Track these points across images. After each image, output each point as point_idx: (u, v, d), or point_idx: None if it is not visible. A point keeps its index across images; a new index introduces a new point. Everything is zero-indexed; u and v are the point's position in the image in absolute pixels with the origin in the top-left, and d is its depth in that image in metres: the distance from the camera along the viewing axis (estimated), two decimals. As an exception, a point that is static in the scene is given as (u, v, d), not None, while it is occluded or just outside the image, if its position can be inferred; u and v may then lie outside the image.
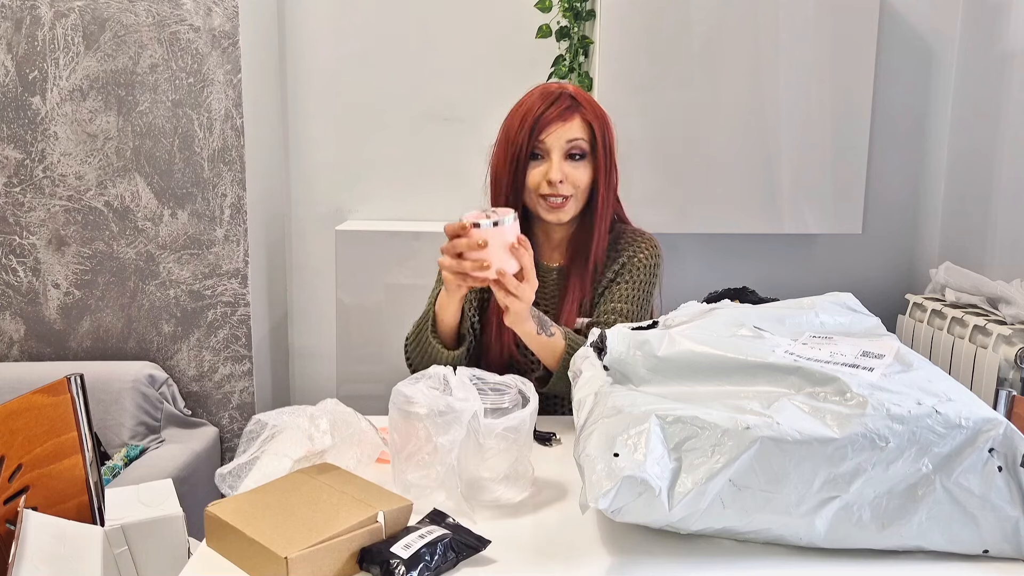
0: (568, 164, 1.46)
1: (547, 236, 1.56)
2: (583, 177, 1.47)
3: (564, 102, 1.46)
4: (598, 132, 1.47)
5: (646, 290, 1.53)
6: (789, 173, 2.46)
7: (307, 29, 2.59)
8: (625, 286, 1.51)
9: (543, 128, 1.45)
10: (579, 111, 1.47)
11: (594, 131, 1.47)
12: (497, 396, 1.10)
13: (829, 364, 0.99)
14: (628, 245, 1.54)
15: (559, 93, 1.48)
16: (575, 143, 1.46)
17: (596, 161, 1.48)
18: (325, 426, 1.13)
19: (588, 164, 1.48)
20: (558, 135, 1.45)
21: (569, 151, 1.46)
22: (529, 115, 1.46)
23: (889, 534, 0.92)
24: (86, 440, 1.26)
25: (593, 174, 1.48)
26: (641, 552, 0.94)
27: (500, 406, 1.09)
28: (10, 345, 2.42)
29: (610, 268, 1.53)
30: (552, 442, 1.27)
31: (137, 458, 2.17)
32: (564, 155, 1.46)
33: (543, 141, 1.45)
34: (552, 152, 1.46)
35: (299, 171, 2.67)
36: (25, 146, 2.34)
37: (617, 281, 1.52)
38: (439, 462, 1.00)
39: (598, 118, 1.48)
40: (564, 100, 1.47)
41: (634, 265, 1.52)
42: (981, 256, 2.46)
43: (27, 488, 1.17)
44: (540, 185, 1.47)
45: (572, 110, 1.46)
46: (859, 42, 2.41)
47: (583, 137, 1.46)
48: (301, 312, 2.74)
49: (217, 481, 1.09)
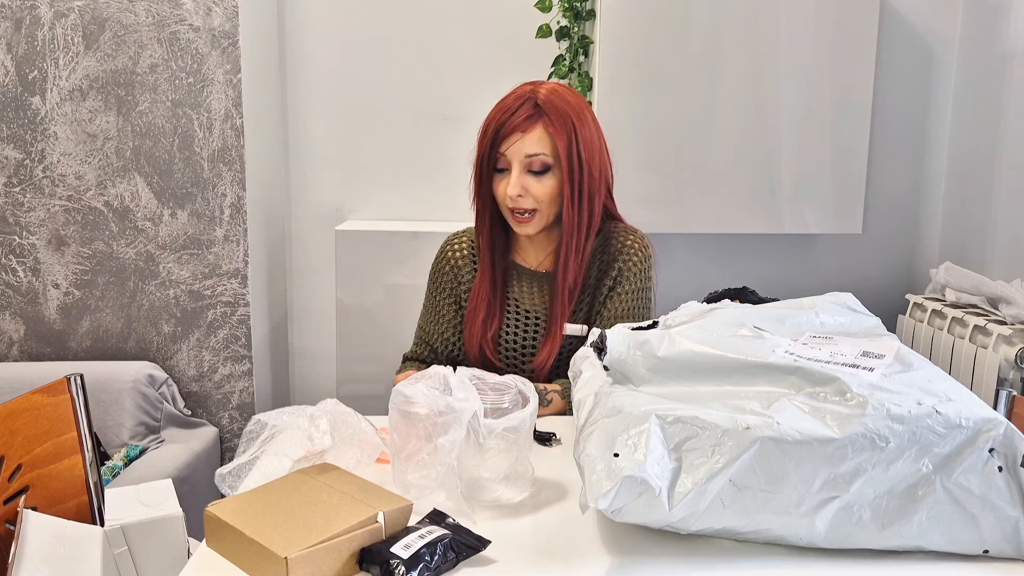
0: (529, 177, 1.40)
1: (531, 241, 1.54)
2: (545, 191, 1.40)
3: (525, 111, 1.39)
4: (561, 143, 1.38)
5: (644, 296, 1.52)
6: (789, 173, 2.46)
7: (307, 29, 2.59)
8: (622, 299, 1.49)
9: (503, 140, 1.40)
10: (541, 120, 1.39)
11: (556, 143, 1.39)
12: (497, 396, 1.10)
13: (829, 364, 0.99)
14: (620, 250, 1.51)
15: (524, 99, 1.40)
16: (535, 158, 1.39)
17: (564, 174, 1.40)
18: (325, 426, 1.13)
19: (553, 176, 1.41)
20: (517, 148, 1.39)
21: (530, 167, 1.40)
22: (491, 124, 1.41)
23: (889, 534, 0.92)
24: (86, 440, 1.26)
25: (559, 187, 1.41)
26: (641, 552, 0.94)
27: (500, 406, 1.09)
28: (10, 345, 2.42)
29: (608, 275, 1.50)
30: (552, 442, 1.27)
31: (137, 458, 2.17)
32: (524, 169, 1.40)
33: (503, 154, 1.40)
34: (512, 165, 1.40)
35: (299, 171, 2.67)
36: (25, 146, 2.34)
37: (613, 294, 1.50)
38: (439, 462, 1.00)
39: (565, 127, 1.39)
40: (526, 109, 1.39)
41: (630, 271, 1.50)
42: (981, 256, 2.46)
43: (27, 488, 1.16)
44: (504, 198, 1.43)
45: (533, 120, 1.39)
46: (859, 42, 2.41)
47: (543, 151, 1.39)
48: (301, 312, 2.74)
49: (217, 481, 1.09)
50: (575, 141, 1.39)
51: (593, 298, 1.52)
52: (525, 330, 1.53)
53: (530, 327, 1.53)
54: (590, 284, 1.51)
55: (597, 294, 1.52)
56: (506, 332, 1.54)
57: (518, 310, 1.54)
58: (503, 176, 1.42)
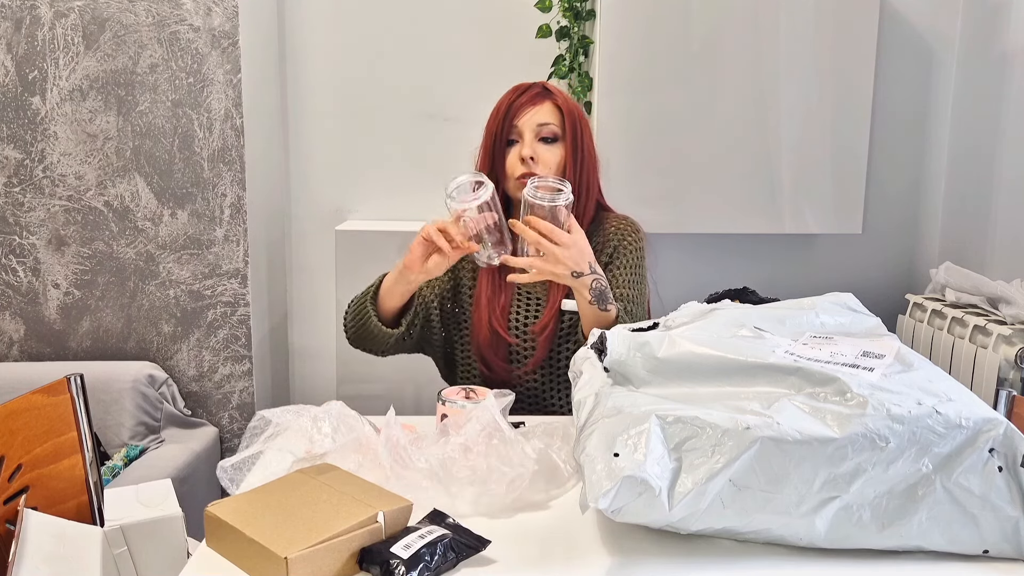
0: (540, 145, 1.53)
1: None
2: (555, 158, 1.53)
3: (535, 89, 1.56)
4: (568, 117, 1.54)
5: (641, 272, 1.58)
6: (789, 173, 2.45)
7: (307, 29, 2.59)
8: (622, 271, 1.56)
9: (515, 113, 1.53)
10: (550, 98, 1.55)
11: (564, 116, 1.54)
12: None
13: (829, 364, 0.99)
14: (615, 232, 1.59)
15: (531, 84, 1.58)
16: (547, 126, 1.53)
17: (568, 145, 1.54)
18: (327, 429, 1.13)
19: (560, 147, 1.54)
20: (529, 118, 1.53)
21: (541, 134, 1.53)
22: (503, 105, 1.56)
23: (889, 534, 0.92)
24: (86, 440, 1.26)
25: (564, 158, 1.54)
26: (641, 552, 0.94)
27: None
28: (10, 345, 2.42)
29: (603, 254, 1.58)
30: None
31: (137, 458, 2.17)
32: (536, 137, 1.53)
33: (516, 125, 1.54)
34: (524, 134, 1.53)
35: (299, 171, 2.67)
36: (25, 146, 2.34)
37: (612, 267, 1.57)
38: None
39: (569, 106, 1.56)
40: (535, 88, 1.56)
41: (626, 248, 1.57)
42: (981, 256, 2.46)
43: (27, 488, 1.17)
44: (515, 167, 1.53)
45: (542, 96, 1.55)
46: (859, 42, 2.41)
47: (553, 121, 1.54)
48: (301, 312, 2.74)
49: (219, 474, 1.08)
50: (579, 124, 1.56)
51: None
52: (528, 308, 1.58)
53: (531, 306, 1.58)
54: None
55: None
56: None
57: (518, 290, 1.60)
58: (514, 148, 1.54)
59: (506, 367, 1.56)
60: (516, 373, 1.56)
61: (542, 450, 1.10)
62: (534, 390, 1.56)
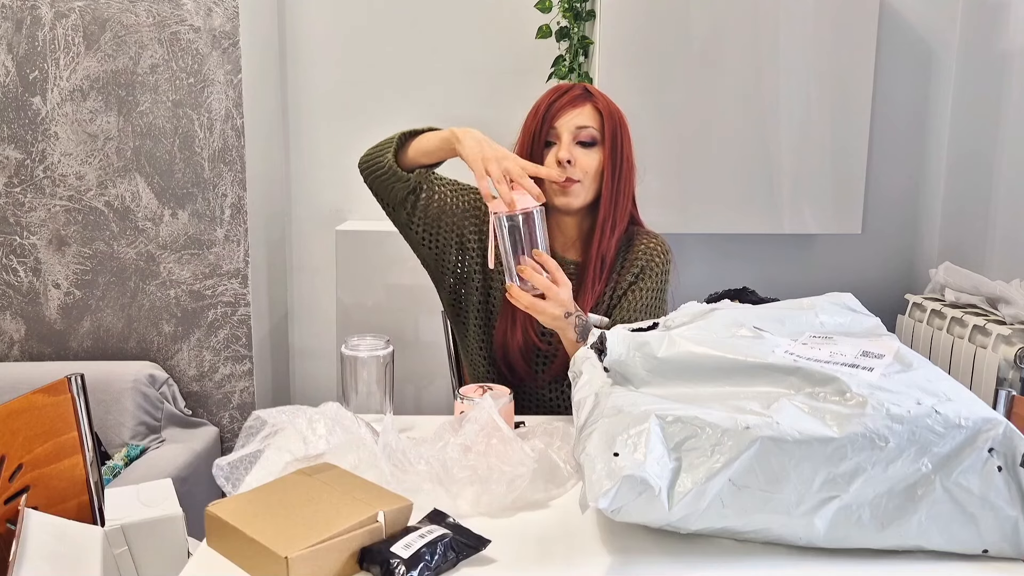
0: (578, 149, 1.49)
1: (561, 231, 1.57)
2: (591, 163, 1.49)
3: (576, 91, 1.52)
4: (608, 121, 1.50)
5: (661, 297, 1.55)
6: (789, 173, 2.46)
7: (307, 29, 2.60)
8: (641, 295, 1.53)
9: (555, 115, 1.50)
10: (591, 100, 1.51)
11: (604, 120, 1.50)
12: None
13: (829, 364, 0.99)
14: (643, 252, 1.56)
15: (572, 86, 1.54)
16: (585, 130, 1.49)
17: (607, 150, 1.50)
18: (322, 430, 1.13)
19: (598, 152, 1.50)
20: (568, 120, 1.49)
21: (579, 137, 1.49)
22: (543, 105, 1.52)
23: (889, 534, 0.92)
24: (86, 440, 1.26)
25: (601, 164, 1.50)
26: (641, 552, 0.94)
27: None
28: (10, 345, 2.42)
29: (628, 272, 1.54)
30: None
31: (137, 458, 2.17)
32: (574, 139, 1.49)
33: (555, 127, 1.49)
34: (562, 136, 1.49)
35: (299, 171, 2.67)
36: (25, 146, 2.34)
37: (633, 289, 1.53)
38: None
39: (610, 109, 1.51)
40: (576, 90, 1.52)
41: (651, 271, 1.54)
42: (981, 256, 2.46)
43: (27, 488, 1.17)
44: (552, 170, 1.49)
45: (583, 99, 1.51)
46: (859, 42, 2.42)
47: (593, 125, 1.49)
48: (301, 312, 2.74)
49: (215, 472, 1.08)
50: (619, 129, 1.51)
51: (613, 292, 1.55)
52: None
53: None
54: (612, 278, 1.55)
55: (617, 288, 1.55)
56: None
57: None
58: (551, 150, 1.50)
59: (530, 371, 1.55)
60: (539, 379, 1.55)
61: (542, 450, 1.10)
62: (549, 399, 1.56)
